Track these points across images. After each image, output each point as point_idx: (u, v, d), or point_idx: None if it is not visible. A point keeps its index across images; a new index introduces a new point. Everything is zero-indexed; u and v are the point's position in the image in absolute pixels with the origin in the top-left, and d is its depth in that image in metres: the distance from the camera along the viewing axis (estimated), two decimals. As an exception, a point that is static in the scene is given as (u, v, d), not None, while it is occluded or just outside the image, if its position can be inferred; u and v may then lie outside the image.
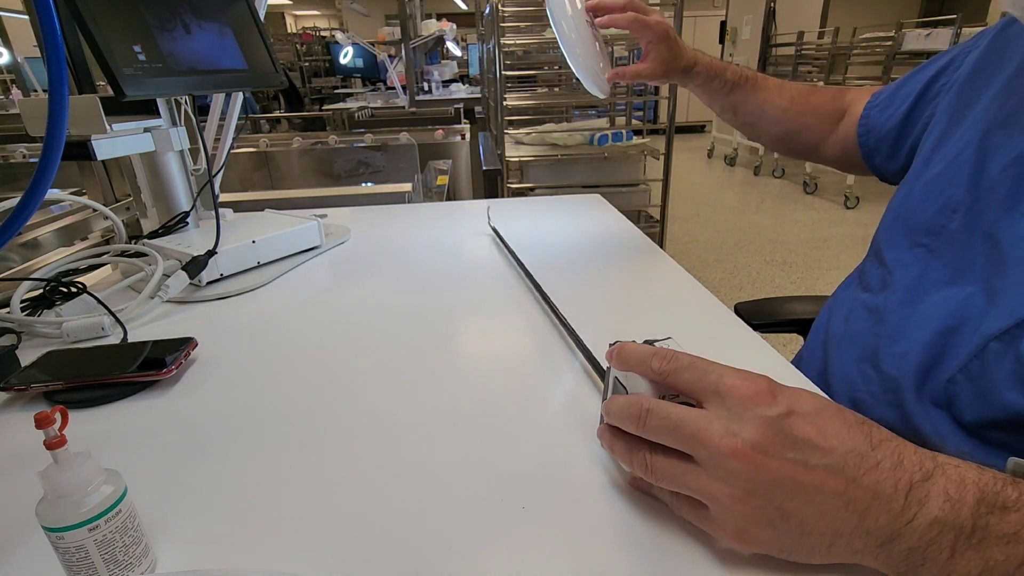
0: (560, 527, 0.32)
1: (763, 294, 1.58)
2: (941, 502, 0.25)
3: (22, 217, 0.33)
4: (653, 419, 0.29)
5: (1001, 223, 0.42)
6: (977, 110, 0.49)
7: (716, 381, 0.28)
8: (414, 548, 0.31)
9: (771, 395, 0.28)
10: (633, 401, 0.30)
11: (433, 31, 3.84)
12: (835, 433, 0.27)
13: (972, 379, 0.40)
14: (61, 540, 0.26)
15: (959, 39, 4.22)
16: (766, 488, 0.26)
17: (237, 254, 0.70)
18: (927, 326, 0.45)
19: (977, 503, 0.25)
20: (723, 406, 0.28)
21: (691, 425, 0.28)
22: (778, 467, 0.26)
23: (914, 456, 0.26)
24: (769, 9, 5.95)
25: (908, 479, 0.26)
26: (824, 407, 0.28)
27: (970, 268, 0.44)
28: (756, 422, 0.27)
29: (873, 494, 0.25)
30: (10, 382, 0.45)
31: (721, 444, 0.27)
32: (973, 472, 0.26)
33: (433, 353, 0.52)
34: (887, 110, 0.62)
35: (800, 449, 0.26)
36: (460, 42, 5.29)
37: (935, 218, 0.48)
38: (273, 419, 0.43)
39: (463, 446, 0.39)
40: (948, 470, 0.26)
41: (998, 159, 0.44)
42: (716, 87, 0.69)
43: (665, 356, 0.30)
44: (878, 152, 0.63)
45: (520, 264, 0.68)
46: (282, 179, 1.72)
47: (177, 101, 0.73)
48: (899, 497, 0.25)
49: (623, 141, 2.33)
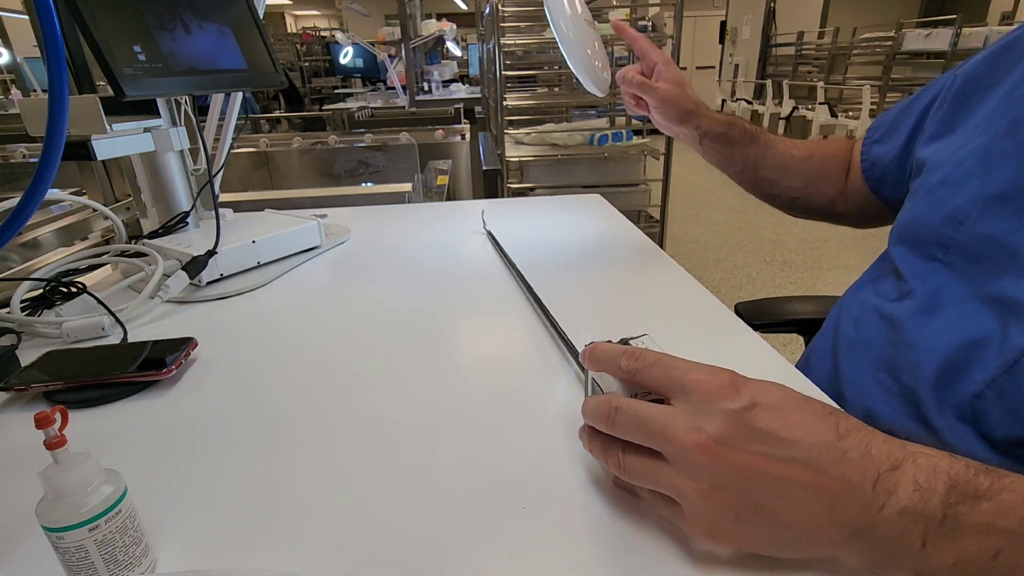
0: (560, 527, 0.32)
1: (763, 294, 1.58)
2: (910, 491, 0.25)
3: (22, 217, 0.33)
4: (622, 417, 0.29)
5: (1020, 235, 0.41)
6: (977, 120, 0.48)
7: (681, 377, 0.29)
8: (414, 548, 0.31)
9: (734, 388, 0.28)
10: (604, 400, 0.31)
11: (433, 31, 3.84)
12: (800, 424, 0.27)
13: (1003, 395, 0.39)
14: (61, 540, 0.26)
15: (959, 39, 4.22)
16: (732, 481, 0.26)
17: (237, 254, 0.70)
18: (947, 337, 0.44)
19: (948, 492, 0.24)
20: (688, 401, 0.28)
21: (657, 422, 0.28)
22: (743, 460, 0.26)
23: (883, 445, 0.26)
24: (769, 9, 5.96)
25: (876, 469, 0.25)
26: (790, 399, 0.28)
27: (989, 282, 0.43)
28: (720, 416, 0.27)
29: (841, 484, 0.25)
30: (10, 382, 0.45)
31: (685, 439, 0.27)
32: (945, 461, 0.26)
33: (433, 353, 0.52)
34: (887, 143, 0.62)
35: (765, 441, 0.26)
36: (460, 42, 5.29)
37: (942, 229, 0.47)
38: (273, 419, 0.43)
39: (463, 446, 0.39)
40: (919, 459, 0.26)
41: (1008, 168, 0.43)
42: (737, 134, 0.66)
43: (632, 354, 0.31)
44: (885, 184, 0.62)
45: (514, 267, 0.68)
46: (282, 179, 1.72)
47: (177, 101, 0.73)
48: (867, 487, 0.25)
49: (623, 141, 2.33)
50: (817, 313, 0.78)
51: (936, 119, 0.54)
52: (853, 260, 2.94)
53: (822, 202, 0.70)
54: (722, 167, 0.71)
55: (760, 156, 0.69)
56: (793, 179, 0.70)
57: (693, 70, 7.64)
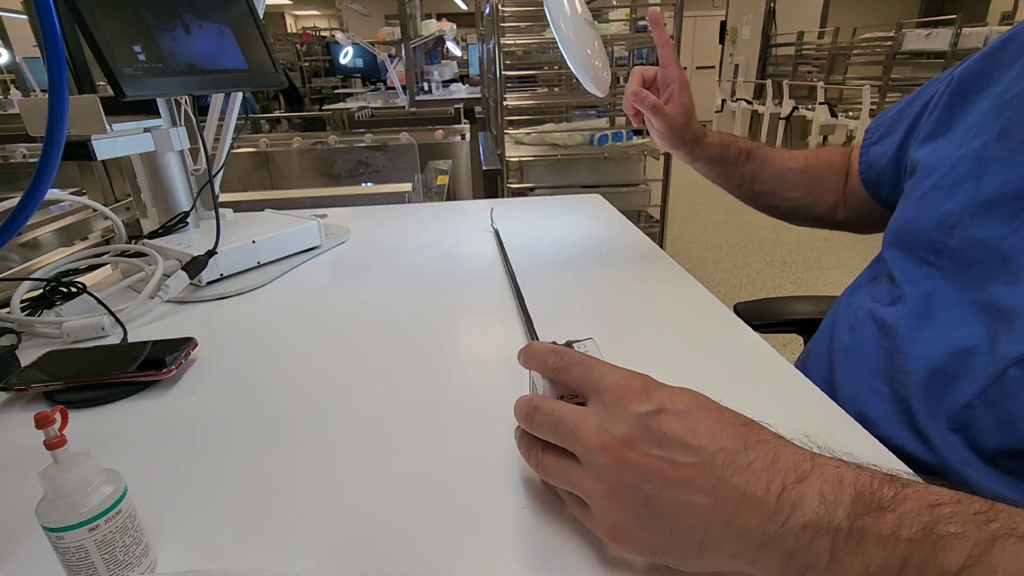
0: (560, 527, 0.32)
1: (763, 294, 1.58)
2: (816, 504, 0.24)
3: (22, 217, 0.33)
4: (538, 416, 0.30)
5: (1012, 240, 0.41)
6: (969, 123, 0.48)
7: (598, 378, 0.29)
8: (414, 548, 0.31)
9: (645, 393, 0.28)
10: (527, 400, 0.31)
11: (433, 31, 3.84)
12: (707, 431, 0.27)
13: (992, 405, 0.39)
14: (61, 540, 0.26)
15: (959, 39, 4.23)
16: (633, 483, 0.26)
17: (237, 254, 0.70)
18: (938, 345, 0.44)
19: (853, 503, 0.24)
20: (601, 403, 0.29)
21: (569, 421, 0.29)
22: (645, 462, 0.26)
23: (791, 457, 0.26)
24: (769, 9, 5.96)
25: (781, 480, 0.25)
26: (700, 406, 0.28)
27: (980, 287, 0.43)
28: (627, 418, 0.27)
29: (743, 494, 0.25)
30: (10, 382, 0.45)
31: (592, 439, 0.27)
32: (851, 472, 0.25)
33: (433, 353, 0.52)
34: (883, 144, 0.62)
35: (667, 446, 0.26)
36: (460, 42, 5.29)
37: (934, 233, 0.47)
38: (273, 419, 0.43)
39: (463, 446, 0.39)
40: (826, 471, 0.25)
41: (999, 173, 0.43)
42: (733, 155, 0.67)
43: (559, 353, 0.32)
44: (882, 185, 0.62)
45: (510, 270, 0.68)
46: (282, 179, 1.72)
47: (177, 101, 0.73)
48: (771, 499, 0.25)
49: (623, 141, 2.33)
50: (817, 313, 0.78)
51: (931, 121, 0.54)
52: (853, 260, 2.94)
53: (822, 210, 0.70)
54: (719, 183, 0.72)
55: (756, 171, 0.69)
56: (791, 190, 0.70)
57: (693, 70, 7.64)
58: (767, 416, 0.29)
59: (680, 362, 0.49)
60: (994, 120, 0.46)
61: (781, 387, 0.45)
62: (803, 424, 0.41)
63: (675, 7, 2.09)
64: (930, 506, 0.24)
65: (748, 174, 0.69)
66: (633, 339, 0.53)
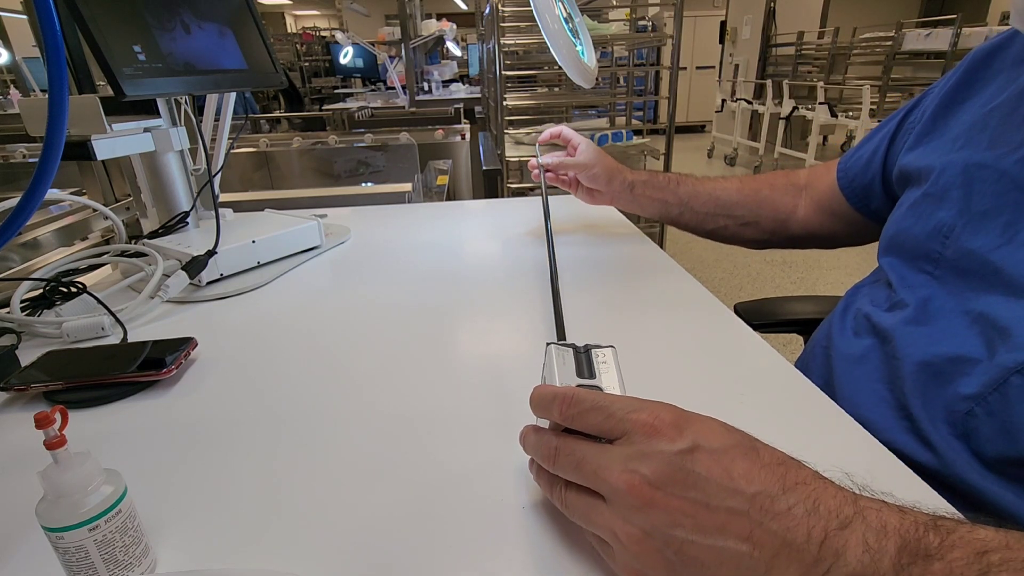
0: (560, 527, 0.32)
1: (763, 294, 1.58)
2: (860, 553, 0.23)
3: (22, 217, 0.33)
4: (561, 457, 0.28)
5: (1003, 251, 0.41)
6: (957, 131, 0.49)
7: (623, 418, 0.27)
8: (414, 548, 0.31)
9: (676, 429, 0.26)
10: (545, 440, 0.29)
11: (433, 31, 3.84)
12: (744, 473, 0.25)
13: (992, 413, 0.39)
14: (61, 540, 0.26)
15: (959, 39, 4.22)
16: (663, 527, 0.25)
17: (237, 254, 0.70)
18: (933, 349, 0.44)
19: (899, 552, 0.23)
20: (629, 442, 0.27)
21: (593, 461, 0.27)
22: (677, 505, 0.25)
23: (832, 501, 0.24)
24: (769, 9, 5.95)
25: (823, 527, 0.24)
26: (736, 443, 0.26)
27: (976, 296, 0.43)
28: (657, 457, 0.26)
29: (782, 541, 0.24)
30: (10, 382, 0.45)
31: (619, 480, 0.26)
32: (895, 517, 0.24)
33: (433, 353, 0.52)
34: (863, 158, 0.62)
35: (702, 488, 0.25)
36: (460, 42, 5.29)
37: (928, 243, 0.47)
38: (273, 419, 0.43)
39: (463, 446, 0.39)
40: (869, 516, 0.24)
41: (987, 181, 0.44)
42: (663, 182, 0.73)
43: (566, 399, 0.29)
44: (872, 194, 0.62)
45: (553, 267, 0.68)
46: (282, 179, 1.72)
47: (177, 101, 0.73)
48: (812, 548, 0.23)
49: (623, 141, 2.33)
50: (817, 313, 0.78)
51: (918, 128, 0.54)
52: (853, 260, 2.94)
53: (771, 225, 0.72)
54: (663, 216, 0.76)
55: (692, 193, 0.73)
56: (733, 208, 0.73)
57: (693, 70, 7.63)
58: (767, 416, 0.29)
59: (680, 362, 0.49)
60: (981, 130, 0.46)
61: (781, 387, 0.45)
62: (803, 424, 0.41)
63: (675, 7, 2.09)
64: (979, 553, 0.23)
65: (685, 196, 0.73)
66: (632, 339, 0.53)
